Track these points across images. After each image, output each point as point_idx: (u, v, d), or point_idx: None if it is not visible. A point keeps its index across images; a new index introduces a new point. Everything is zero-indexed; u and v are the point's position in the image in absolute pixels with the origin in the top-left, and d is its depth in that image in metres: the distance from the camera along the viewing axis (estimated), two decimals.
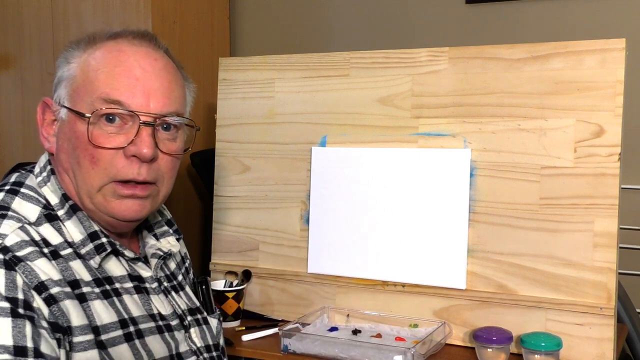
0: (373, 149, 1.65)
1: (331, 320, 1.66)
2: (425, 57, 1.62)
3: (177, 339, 1.10)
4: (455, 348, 1.54)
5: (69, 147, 1.04)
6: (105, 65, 1.03)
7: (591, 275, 1.44)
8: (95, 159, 1.02)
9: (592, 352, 1.43)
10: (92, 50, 1.05)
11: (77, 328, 0.94)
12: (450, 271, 1.55)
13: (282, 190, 1.76)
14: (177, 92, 1.10)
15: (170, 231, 1.22)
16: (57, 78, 1.07)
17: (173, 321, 1.11)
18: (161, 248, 1.17)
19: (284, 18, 2.54)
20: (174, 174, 1.11)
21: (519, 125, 1.52)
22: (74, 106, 1.03)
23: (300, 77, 1.75)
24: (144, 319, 1.05)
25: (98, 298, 1.00)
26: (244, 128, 1.82)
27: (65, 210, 1.04)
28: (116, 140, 1.02)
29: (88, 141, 1.01)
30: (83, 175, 1.03)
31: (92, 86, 1.03)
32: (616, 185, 1.43)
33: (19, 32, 2.35)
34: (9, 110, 2.35)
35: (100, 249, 1.03)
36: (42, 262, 0.95)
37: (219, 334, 1.23)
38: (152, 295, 1.10)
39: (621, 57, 1.43)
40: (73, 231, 1.03)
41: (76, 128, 1.03)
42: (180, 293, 1.19)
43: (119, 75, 1.03)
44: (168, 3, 2.24)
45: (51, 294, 0.93)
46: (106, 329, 0.99)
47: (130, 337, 1.01)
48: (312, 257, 1.71)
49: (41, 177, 1.07)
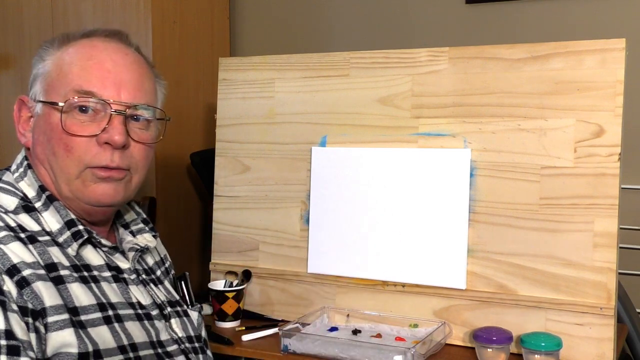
0: (373, 149, 1.65)
1: (331, 320, 1.66)
2: (425, 57, 1.62)
3: (157, 328, 1.11)
4: (455, 348, 1.54)
5: (44, 139, 1.08)
6: (79, 59, 1.08)
7: (591, 275, 1.44)
8: (69, 147, 1.05)
9: (592, 352, 1.43)
10: (65, 48, 1.10)
11: (51, 308, 0.95)
12: (450, 271, 1.55)
13: (282, 190, 1.76)
14: (148, 85, 1.14)
15: (147, 228, 1.25)
16: (32, 76, 1.13)
17: (153, 311, 1.13)
18: (138, 243, 1.19)
19: (284, 18, 2.54)
20: (147, 163, 1.14)
21: (519, 125, 1.52)
22: (48, 98, 1.08)
23: (300, 77, 1.75)
24: (122, 305, 1.07)
25: (76, 281, 1.02)
26: (244, 128, 1.82)
27: (42, 201, 1.08)
28: (89, 128, 1.06)
29: (62, 130, 1.05)
30: (59, 164, 1.06)
31: (66, 79, 1.07)
32: (616, 185, 1.43)
33: (19, 32, 2.35)
34: (9, 110, 2.33)
35: (77, 236, 1.06)
36: (15, 246, 0.97)
37: (200, 326, 1.24)
38: (131, 286, 1.12)
39: (621, 57, 1.43)
40: (50, 221, 1.06)
41: (51, 120, 1.07)
42: (159, 286, 1.21)
43: (91, 68, 1.07)
44: (168, 3, 2.24)
45: (23, 277, 0.94)
46: (85, 310, 1.00)
47: (110, 320, 1.03)
48: (312, 257, 1.71)
49: (18, 172, 1.11)
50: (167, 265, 1.33)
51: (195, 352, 1.19)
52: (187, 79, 2.34)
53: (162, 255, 1.33)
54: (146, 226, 1.26)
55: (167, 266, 1.32)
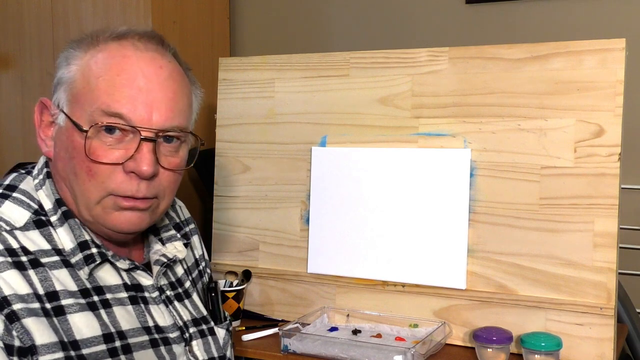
0: (373, 149, 1.65)
1: (331, 320, 1.66)
2: (425, 57, 1.62)
3: (175, 353, 1.04)
4: (455, 348, 1.54)
5: (66, 156, 1.00)
6: (107, 72, 0.98)
7: (591, 275, 1.44)
8: (93, 172, 0.97)
9: (592, 352, 1.43)
10: (94, 52, 1.00)
11: (42, 347, 0.89)
12: (450, 271, 1.55)
13: (282, 190, 1.76)
14: (182, 104, 1.04)
15: (178, 235, 1.16)
16: (56, 78, 1.02)
17: (172, 334, 1.05)
18: (166, 254, 1.11)
19: (284, 18, 2.54)
20: (175, 187, 1.06)
21: (519, 125, 1.52)
22: (72, 115, 0.99)
23: (300, 77, 1.75)
24: (135, 332, 1.00)
25: (81, 310, 0.95)
26: (244, 128, 1.82)
27: (57, 216, 1.00)
28: (115, 154, 0.97)
29: (85, 155, 0.96)
30: (80, 187, 0.98)
31: (92, 95, 0.97)
32: (616, 185, 1.43)
33: (19, 32, 2.35)
34: (9, 110, 2.35)
35: (89, 259, 0.99)
36: (10, 275, 0.90)
37: (225, 346, 1.16)
38: (151, 306, 1.04)
39: (621, 57, 1.43)
40: (64, 239, 0.99)
41: (74, 139, 0.98)
42: (185, 301, 1.13)
43: (120, 85, 0.97)
44: (168, 3, 2.24)
45: (13, 310, 0.88)
46: (87, 343, 0.93)
47: (115, 353, 0.96)
48: (312, 257, 1.71)
49: (38, 179, 1.03)
50: (202, 267, 1.24)
51: None
52: None
53: (197, 256, 1.24)
54: (178, 232, 1.16)
55: (200, 268, 1.24)
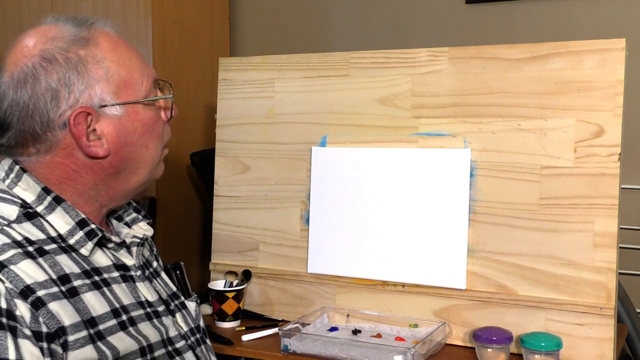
0: (373, 149, 1.65)
1: (331, 320, 1.66)
2: (425, 57, 1.62)
3: (166, 325, 1.10)
4: (455, 348, 1.54)
5: (134, 137, 1.07)
6: (125, 52, 1.08)
7: (591, 275, 1.44)
8: (160, 133, 1.11)
9: (592, 352, 1.43)
10: (100, 44, 1.07)
11: (70, 327, 0.93)
12: (450, 271, 1.55)
13: (282, 190, 1.76)
14: None
15: (140, 217, 1.21)
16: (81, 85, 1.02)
17: (159, 307, 1.11)
18: (136, 235, 1.15)
19: (284, 18, 2.54)
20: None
21: (519, 125, 1.52)
22: (128, 99, 1.06)
23: (300, 77, 1.75)
24: (133, 306, 1.05)
25: (90, 290, 0.99)
26: (244, 128, 1.82)
27: (45, 204, 1.02)
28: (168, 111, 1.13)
29: (159, 120, 1.11)
30: (151, 153, 1.10)
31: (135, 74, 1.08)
32: (616, 185, 1.43)
33: (19, 32, 2.34)
34: None
35: (91, 234, 1.03)
36: (26, 264, 0.93)
37: (198, 317, 1.22)
38: (138, 283, 1.10)
39: (621, 57, 1.43)
40: (57, 223, 1.01)
41: (141, 116, 1.08)
42: (157, 279, 1.19)
43: (136, 59, 1.09)
44: (168, 3, 2.24)
45: (38, 297, 0.91)
46: (102, 319, 0.98)
47: (125, 325, 1.01)
48: (312, 257, 1.71)
49: (9, 179, 1.04)
50: (155, 252, 1.29)
51: (198, 344, 1.17)
52: (187, 79, 2.34)
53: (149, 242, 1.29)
54: (139, 214, 1.21)
55: (155, 253, 1.28)
